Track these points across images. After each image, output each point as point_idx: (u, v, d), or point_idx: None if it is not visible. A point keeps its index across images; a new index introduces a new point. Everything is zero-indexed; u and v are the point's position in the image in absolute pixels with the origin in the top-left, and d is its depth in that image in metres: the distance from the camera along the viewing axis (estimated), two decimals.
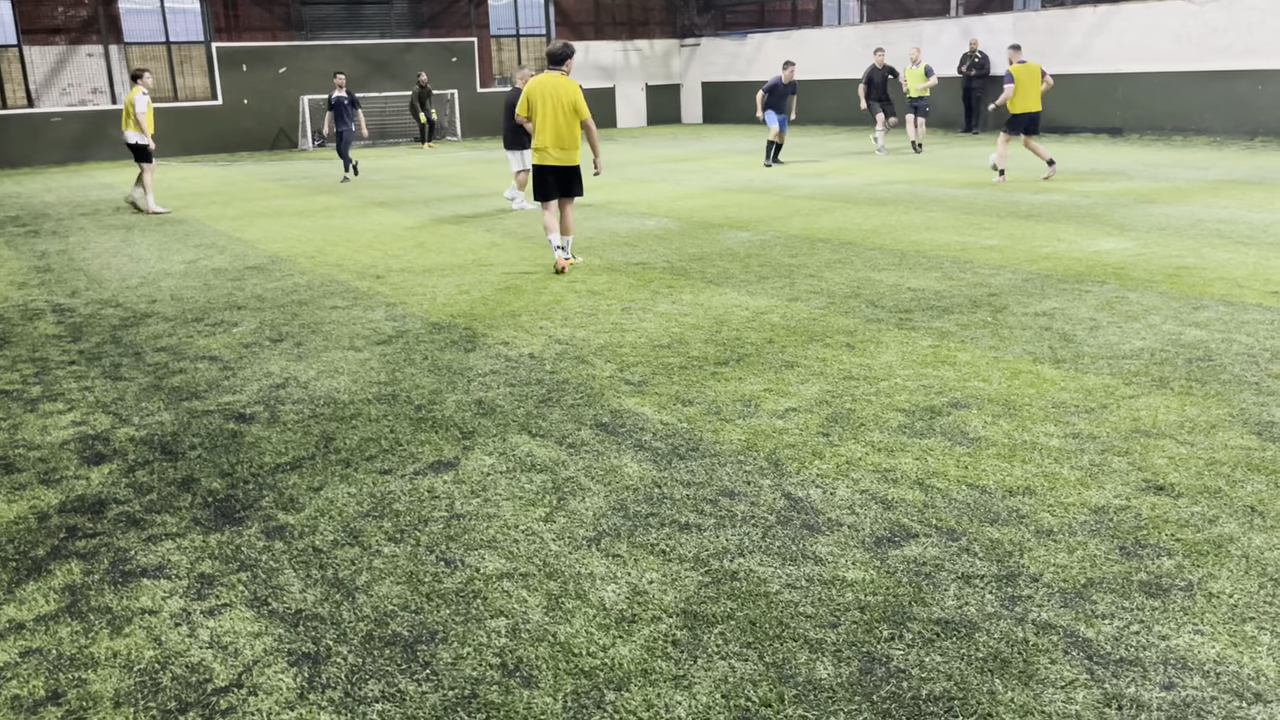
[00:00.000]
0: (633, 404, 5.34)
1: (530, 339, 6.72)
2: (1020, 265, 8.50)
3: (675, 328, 6.87)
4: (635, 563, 3.63)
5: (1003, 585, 3.37)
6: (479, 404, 5.43)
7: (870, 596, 3.33)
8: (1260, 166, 15.20)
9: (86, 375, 6.30)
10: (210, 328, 7.41)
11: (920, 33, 25.55)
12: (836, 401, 5.25)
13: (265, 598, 3.48)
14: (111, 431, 5.24)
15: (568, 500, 4.19)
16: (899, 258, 9.05)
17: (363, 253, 10.36)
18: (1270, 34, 18.96)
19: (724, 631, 3.16)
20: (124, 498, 4.38)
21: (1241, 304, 6.94)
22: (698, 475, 4.38)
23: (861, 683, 2.88)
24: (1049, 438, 4.65)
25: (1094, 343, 6.14)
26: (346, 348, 6.69)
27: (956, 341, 6.28)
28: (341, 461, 4.70)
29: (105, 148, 24.21)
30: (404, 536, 3.91)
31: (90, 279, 9.51)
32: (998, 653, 3.00)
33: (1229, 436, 4.58)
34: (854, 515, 3.94)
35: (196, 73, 27.33)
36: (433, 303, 7.92)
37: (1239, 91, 19.48)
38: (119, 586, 3.60)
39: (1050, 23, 22.82)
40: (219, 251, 10.80)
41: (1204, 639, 3.03)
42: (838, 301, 7.45)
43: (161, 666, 3.10)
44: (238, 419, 5.36)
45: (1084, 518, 3.84)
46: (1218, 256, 8.56)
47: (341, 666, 3.06)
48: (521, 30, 31.63)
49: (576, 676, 2.97)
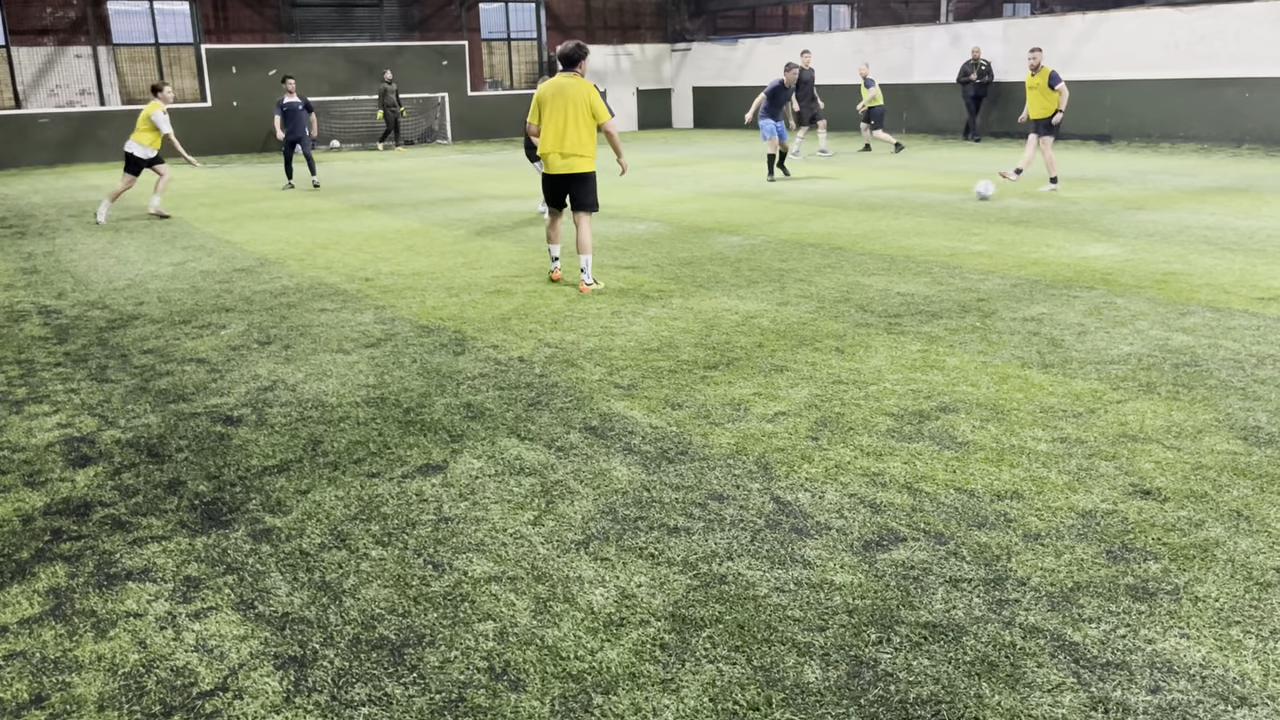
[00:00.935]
0: (622, 407, 5.33)
1: (520, 342, 6.71)
2: (1009, 270, 8.52)
3: (665, 331, 6.87)
4: (624, 566, 3.62)
5: (990, 589, 3.38)
6: (468, 407, 5.42)
7: (858, 600, 3.33)
8: (1247, 173, 15.29)
9: (72, 377, 6.27)
10: (198, 330, 7.38)
11: (911, 39, 25.64)
12: (826, 405, 5.26)
13: (251, 601, 3.46)
14: (97, 434, 5.21)
15: (556, 503, 4.18)
16: (888, 263, 9.07)
17: (352, 255, 10.33)
18: (1257, 42, 19.08)
19: (712, 635, 3.16)
20: (109, 500, 4.36)
21: (1228, 310, 6.97)
22: (687, 479, 4.38)
23: (849, 686, 2.88)
24: (1037, 442, 4.66)
25: (1082, 348, 6.16)
26: (335, 350, 6.67)
27: (945, 346, 6.30)
28: (329, 464, 4.69)
29: (93, 149, 24.11)
30: (392, 540, 3.89)
31: (77, 280, 9.46)
32: (985, 656, 3.00)
33: (1215, 441, 4.60)
34: (842, 519, 3.94)
35: (186, 74, 27.26)
36: (422, 306, 7.90)
37: (1226, 99, 19.60)
38: (104, 589, 3.58)
39: (1040, 30, 22.92)
40: (207, 254, 10.76)
41: (1190, 643, 3.04)
42: (827, 306, 7.47)
43: (146, 670, 3.08)
44: (225, 421, 5.34)
45: (1071, 521, 3.85)
46: (1204, 263, 8.61)
47: (328, 670, 3.05)
48: (512, 34, 31.64)
49: (564, 680, 2.96)
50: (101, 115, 24.59)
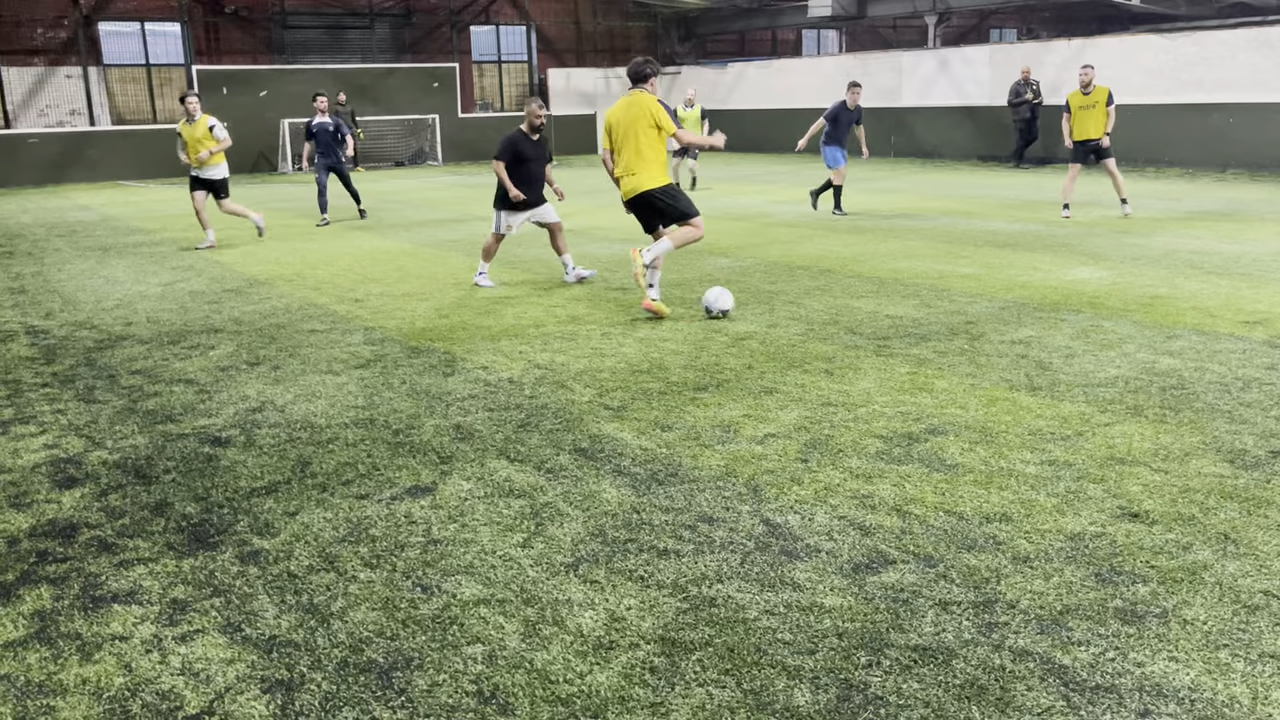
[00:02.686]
0: (612, 429, 5.33)
1: (509, 363, 6.71)
2: (997, 294, 8.57)
3: (655, 353, 6.88)
4: (613, 589, 3.61)
5: (980, 612, 3.38)
6: (457, 428, 5.41)
7: (848, 623, 3.33)
8: (1231, 199, 15.43)
9: (60, 398, 6.24)
10: (186, 350, 7.36)
11: (899, 63, 25.87)
12: (815, 428, 5.27)
13: (239, 624, 3.44)
14: (84, 455, 5.18)
15: (546, 526, 4.17)
16: (877, 285, 9.11)
17: (341, 276, 10.33)
18: (1241, 68, 19.31)
19: (702, 658, 3.15)
20: (96, 522, 4.33)
21: (1214, 333, 7.02)
22: (676, 501, 4.38)
23: (839, 710, 2.88)
24: (1025, 465, 4.67)
25: (1070, 371, 6.19)
26: (324, 371, 6.65)
27: (934, 369, 6.32)
28: (318, 486, 4.67)
29: (82, 170, 24.10)
30: (380, 562, 3.88)
31: (65, 301, 9.43)
32: (975, 680, 3.00)
33: (1202, 464, 4.63)
34: (832, 541, 3.94)
35: (176, 95, 27.29)
36: (412, 326, 7.90)
37: (1211, 124, 19.80)
38: (89, 612, 3.55)
39: (1026, 56, 23.15)
40: (196, 274, 10.74)
41: (1179, 666, 3.04)
42: (816, 328, 7.49)
43: (132, 694, 3.05)
44: (213, 443, 5.31)
45: (1060, 544, 3.86)
46: (1190, 286, 8.67)
47: (315, 694, 3.03)
48: (503, 56, 31.80)
49: (553, 704, 2.95)
50: (91, 135, 24.60)
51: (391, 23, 29.76)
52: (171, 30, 27.15)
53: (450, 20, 30.26)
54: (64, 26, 25.61)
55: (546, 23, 31.84)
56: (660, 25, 33.37)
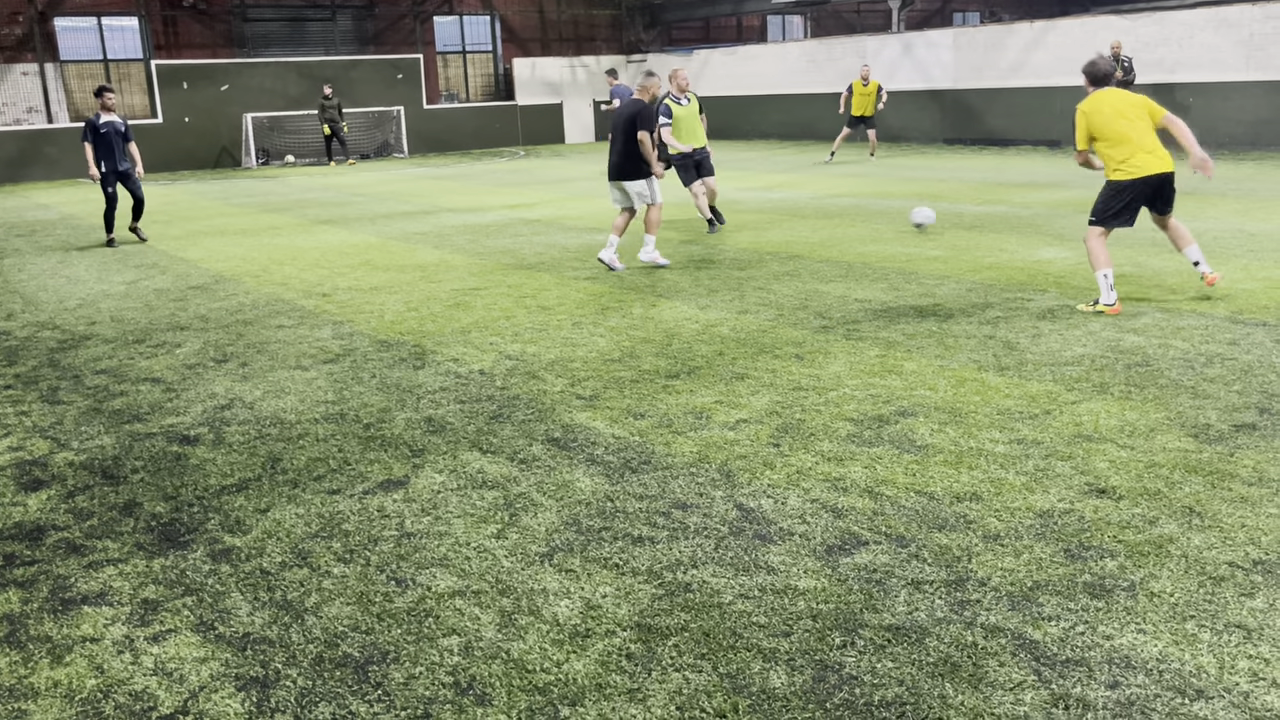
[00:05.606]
0: (584, 418, 5.33)
1: (480, 355, 6.68)
2: (964, 275, 8.64)
3: (626, 342, 6.88)
4: (588, 577, 3.62)
5: (952, 590, 3.42)
6: (429, 421, 5.39)
7: (822, 605, 3.36)
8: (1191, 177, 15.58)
9: (23, 400, 6.15)
10: (152, 349, 7.27)
11: (864, 48, 25.94)
12: (786, 412, 5.29)
13: (212, 622, 3.42)
14: (50, 456, 5.12)
15: (520, 516, 4.17)
16: (846, 269, 9.15)
17: (309, 271, 10.24)
18: (1200, 47, 19.52)
19: (678, 643, 3.16)
20: (63, 524, 4.28)
21: (1177, 311, 7.11)
22: (650, 488, 4.39)
23: (815, 691, 2.90)
24: (994, 444, 4.72)
25: (1036, 350, 6.26)
26: (293, 367, 6.60)
27: (903, 351, 6.36)
28: (289, 482, 4.64)
29: (41, 168, 23.70)
30: (354, 556, 3.86)
31: (26, 301, 9.30)
32: (948, 657, 3.03)
33: (1167, 439, 4.69)
34: (805, 524, 3.96)
35: (136, 90, 26.91)
36: (380, 320, 7.85)
37: (1171, 103, 19.99)
38: (59, 614, 3.51)
39: (989, 38, 23.29)
40: (160, 272, 10.61)
41: (1147, 638, 3.09)
42: (786, 313, 7.52)
43: (104, 695, 3.03)
44: (182, 441, 5.26)
45: (1029, 522, 3.90)
46: (1153, 265, 8.77)
47: (291, 690, 3.02)
48: (468, 47, 31.58)
49: (530, 693, 2.95)
50: (49, 133, 24.20)
51: (354, 14, 29.47)
52: (129, 25, 26.73)
53: (413, 11, 30.01)
54: (19, 22, 25.15)
55: (511, 12, 31.64)
56: (625, 13, 33.24)
